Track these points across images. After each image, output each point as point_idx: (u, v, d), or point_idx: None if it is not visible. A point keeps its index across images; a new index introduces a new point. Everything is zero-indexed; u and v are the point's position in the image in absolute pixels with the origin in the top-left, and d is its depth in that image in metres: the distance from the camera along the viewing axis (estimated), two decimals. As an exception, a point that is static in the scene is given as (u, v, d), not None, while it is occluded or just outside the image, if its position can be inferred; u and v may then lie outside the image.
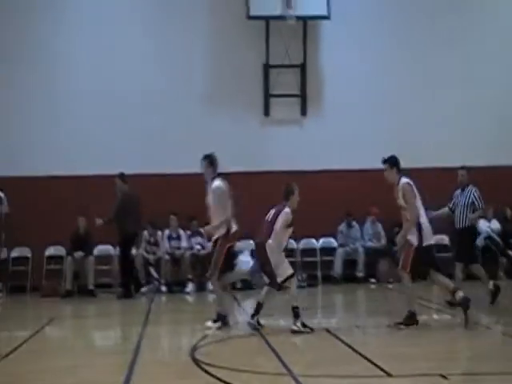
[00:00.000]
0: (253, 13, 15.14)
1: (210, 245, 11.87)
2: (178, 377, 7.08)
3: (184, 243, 14.83)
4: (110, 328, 10.35)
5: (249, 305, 13.30)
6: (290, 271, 9.29)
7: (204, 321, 9.64)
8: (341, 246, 15.34)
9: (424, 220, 9.25)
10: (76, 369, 7.48)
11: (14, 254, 14.84)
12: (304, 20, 15.47)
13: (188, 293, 14.15)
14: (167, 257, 14.60)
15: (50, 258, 14.86)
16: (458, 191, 11.42)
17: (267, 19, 15.38)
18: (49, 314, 11.71)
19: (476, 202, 11.19)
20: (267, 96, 15.74)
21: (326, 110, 15.80)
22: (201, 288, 14.18)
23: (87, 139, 15.10)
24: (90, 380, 6.97)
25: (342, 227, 15.47)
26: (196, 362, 7.47)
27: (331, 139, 15.40)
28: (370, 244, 15.33)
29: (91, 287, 14.05)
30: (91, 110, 15.23)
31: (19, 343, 8.79)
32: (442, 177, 13.83)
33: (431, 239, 9.33)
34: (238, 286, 14.15)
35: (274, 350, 8.03)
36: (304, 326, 9.15)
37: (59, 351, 8.67)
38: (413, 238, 9.14)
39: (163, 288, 14.31)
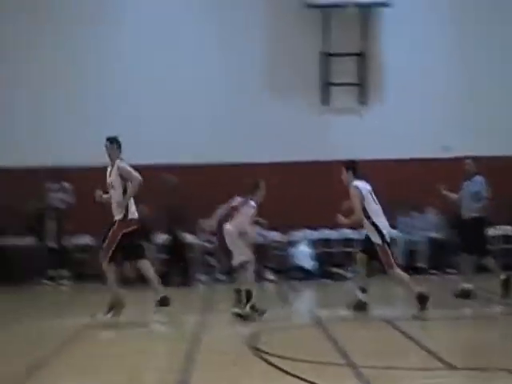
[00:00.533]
0: (311, 1, 14.99)
1: (260, 233, 12.44)
2: (235, 364, 7.06)
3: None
4: (170, 315, 10.39)
5: (307, 295, 13.29)
6: (245, 257, 9.40)
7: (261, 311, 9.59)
8: (401, 236, 15.12)
9: (380, 219, 9.57)
10: (135, 354, 7.54)
11: (77, 242, 15.04)
12: (364, 7, 15.26)
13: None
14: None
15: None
16: (466, 182, 11.16)
17: (326, 7, 15.21)
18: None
19: (481, 192, 10.89)
20: (325, 85, 15.59)
21: (386, 99, 15.58)
22: (259, 276, 14.20)
23: (146, 129, 15.21)
24: (148, 365, 7.01)
25: (403, 217, 15.24)
26: (254, 350, 7.44)
27: (391, 128, 15.18)
28: (431, 235, 15.07)
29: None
30: (149, 101, 15.33)
31: (81, 329, 8.92)
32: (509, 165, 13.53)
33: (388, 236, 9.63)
34: (298, 275, 14.15)
35: (332, 340, 7.95)
36: (253, 308, 9.26)
37: (119, 337, 8.75)
38: (376, 239, 9.44)
39: (221, 276, 14.35)
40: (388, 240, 9.53)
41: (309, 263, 14.73)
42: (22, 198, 14.18)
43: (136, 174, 9.43)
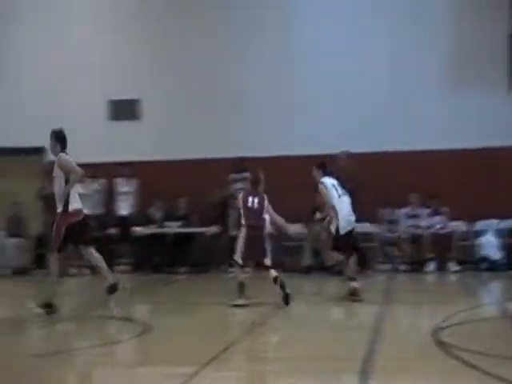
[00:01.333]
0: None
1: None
2: (419, 357, 6.87)
3: (424, 222, 14.46)
4: (349, 305, 10.33)
5: (494, 286, 12.71)
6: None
7: (445, 302, 9.29)
8: None
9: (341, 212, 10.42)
10: (316, 343, 7.54)
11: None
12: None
13: (428, 272, 13.85)
14: (406, 235, 14.34)
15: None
16: None
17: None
18: (290, 289, 11.95)
19: None
20: (512, 69, 14.77)
21: None
22: (441, 268, 13.86)
23: (316, 120, 15.22)
24: (330, 354, 6.99)
25: None
26: (439, 343, 7.19)
27: None
28: None
29: (329, 264, 14.09)
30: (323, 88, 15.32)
31: (264, 318, 9.10)
32: None
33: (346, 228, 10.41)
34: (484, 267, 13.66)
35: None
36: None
37: (300, 325, 8.80)
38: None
39: (402, 267, 14.09)
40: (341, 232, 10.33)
41: (496, 254, 14.10)
42: (206, 188, 14.68)
43: (77, 167, 9.28)
